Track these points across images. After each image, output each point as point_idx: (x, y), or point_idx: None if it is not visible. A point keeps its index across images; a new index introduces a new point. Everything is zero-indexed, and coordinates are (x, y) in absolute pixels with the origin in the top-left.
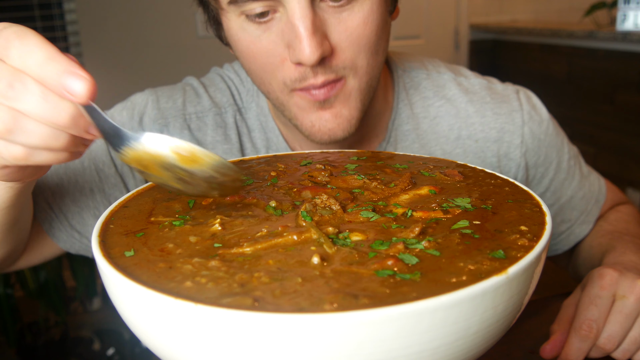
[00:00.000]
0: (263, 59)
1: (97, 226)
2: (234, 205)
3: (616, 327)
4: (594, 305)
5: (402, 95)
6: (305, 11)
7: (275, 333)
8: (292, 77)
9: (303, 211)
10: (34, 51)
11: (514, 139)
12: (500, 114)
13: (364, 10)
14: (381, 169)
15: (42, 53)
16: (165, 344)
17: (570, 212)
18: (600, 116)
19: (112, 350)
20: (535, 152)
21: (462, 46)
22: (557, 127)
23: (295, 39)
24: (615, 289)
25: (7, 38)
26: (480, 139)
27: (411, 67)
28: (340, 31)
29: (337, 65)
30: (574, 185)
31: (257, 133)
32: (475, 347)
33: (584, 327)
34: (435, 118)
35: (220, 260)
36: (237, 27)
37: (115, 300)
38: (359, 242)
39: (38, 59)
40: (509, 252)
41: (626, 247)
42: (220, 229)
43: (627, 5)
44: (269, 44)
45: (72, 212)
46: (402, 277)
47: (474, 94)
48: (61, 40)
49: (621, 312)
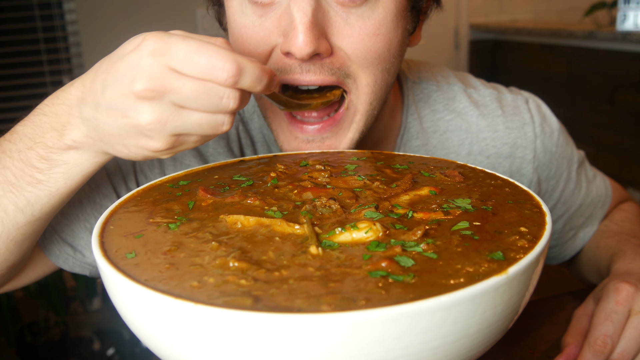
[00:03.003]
0: (251, 48)
1: (97, 226)
2: (233, 206)
3: (631, 343)
4: (609, 321)
5: (411, 109)
6: (308, 0)
7: (276, 333)
8: (276, 66)
9: (303, 211)
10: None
11: (526, 154)
12: (512, 128)
13: (375, 17)
14: (381, 169)
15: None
16: (165, 344)
17: (578, 218)
18: (600, 116)
19: (112, 350)
20: (547, 166)
21: (462, 46)
22: (566, 136)
23: (291, 27)
24: (631, 304)
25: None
26: (492, 155)
27: (421, 79)
28: (344, 35)
29: (334, 65)
30: (582, 193)
31: (259, 146)
32: (475, 347)
33: (598, 343)
34: (445, 132)
35: (220, 260)
36: (237, 7)
37: (116, 301)
38: (358, 241)
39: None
40: (508, 254)
41: (637, 253)
42: (220, 229)
43: (627, 5)
44: (262, 30)
45: (61, 224)
46: (395, 279)
47: (485, 106)
48: (61, 40)
49: (637, 328)
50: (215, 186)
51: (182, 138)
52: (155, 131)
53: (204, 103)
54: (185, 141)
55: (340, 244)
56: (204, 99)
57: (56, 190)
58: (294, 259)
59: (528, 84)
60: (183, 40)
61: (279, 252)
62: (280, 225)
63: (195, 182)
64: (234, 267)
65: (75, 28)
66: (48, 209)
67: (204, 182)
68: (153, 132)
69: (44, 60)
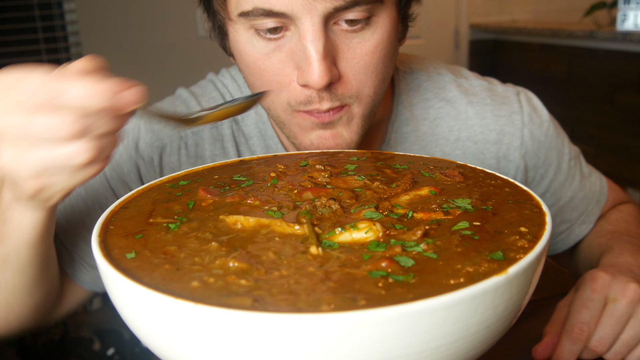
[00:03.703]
0: (270, 77)
1: (96, 227)
2: (233, 206)
3: (607, 330)
4: (585, 309)
5: (402, 97)
6: (318, 34)
7: (276, 333)
8: (297, 99)
9: (303, 211)
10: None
11: (513, 140)
12: (500, 115)
13: (375, 39)
14: (381, 169)
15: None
16: (165, 344)
17: (570, 212)
18: (600, 116)
19: (112, 350)
20: (534, 154)
21: (462, 46)
22: (557, 128)
23: (305, 61)
24: (607, 292)
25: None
26: (480, 141)
27: (412, 69)
28: (348, 58)
29: (344, 94)
30: (575, 187)
31: (255, 140)
32: (475, 347)
33: (575, 330)
34: (435, 120)
35: (220, 260)
36: (246, 40)
37: (116, 301)
38: (358, 241)
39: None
40: (508, 254)
41: (624, 248)
42: (220, 229)
43: (627, 5)
44: (278, 62)
45: (86, 252)
46: (395, 279)
47: (474, 95)
48: (61, 40)
49: (612, 315)
50: (215, 186)
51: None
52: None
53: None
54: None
55: (340, 244)
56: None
57: (21, 244)
58: (294, 259)
59: (528, 84)
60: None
61: (279, 252)
62: (280, 225)
63: (195, 182)
64: (234, 267)
65: (75, 28)
66: (27, 260)
67: (204, 182)
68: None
69: (44, 60)
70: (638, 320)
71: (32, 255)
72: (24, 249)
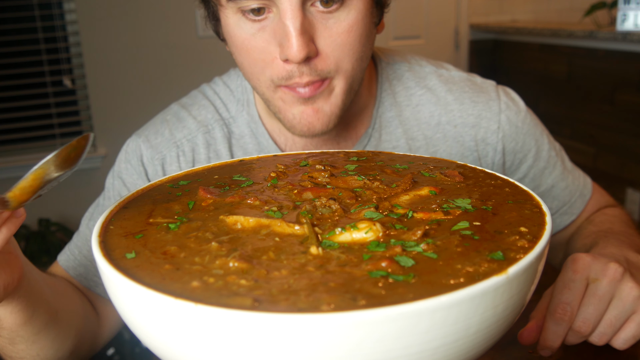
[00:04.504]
0: (255, 55)
1: (96, 227)
2: (233, 206)
3: (590, 310)
4: (567, 289)
5: (385, 86)
6: (295, 12)
7: (277, 333)
8: (279, 74)
9: (303, 211)
10: None
11: (490, 124)
12: (477, 102)
13: (349, 19)
14: (381, 169)
15: None
16: (165, 344)
17: (551, 201)
18: (600, 116)
19: (112, 350)
20: (512, 138)
21: (462, 46)
22: (535, 119)
23: (285, 37)
24: (588, 273)
25: None
26: (459, 124)
27: (394, 61)
28: (325, 37)
29: (323, 69)
30: (555, 175)
31: (248, 139)
32: (475, 347)
33: (558, 310)
34: (417, 106)
35: (220, 260)
36: (234, 23)
37: (116, 301)
38: (358, 241)
39: None
40: (508, 254)
41: (607, 242)
42: (220, 229)
43: (627, 5)
44: (262, 42)
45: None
46: (395, 279)
47: (454, 84)
48: (61, 40)
49: (594, 294)
50: (215, 186)
51: None
52: None
53: None
54: None
55: (340, 244)
56: None
57: (13, 328)
58: (294, 259)
59: (528, 84)
60: None
61: (279, 252)
62: (280, 225)
63: (195, 182)
64: (234, 267)
65: (75, 28)
66: (31, 332)
67: (204, 182)
68: None
69: (44, 60)
70: (620, 299)
71: (33, 327)
72: (18, 329)
